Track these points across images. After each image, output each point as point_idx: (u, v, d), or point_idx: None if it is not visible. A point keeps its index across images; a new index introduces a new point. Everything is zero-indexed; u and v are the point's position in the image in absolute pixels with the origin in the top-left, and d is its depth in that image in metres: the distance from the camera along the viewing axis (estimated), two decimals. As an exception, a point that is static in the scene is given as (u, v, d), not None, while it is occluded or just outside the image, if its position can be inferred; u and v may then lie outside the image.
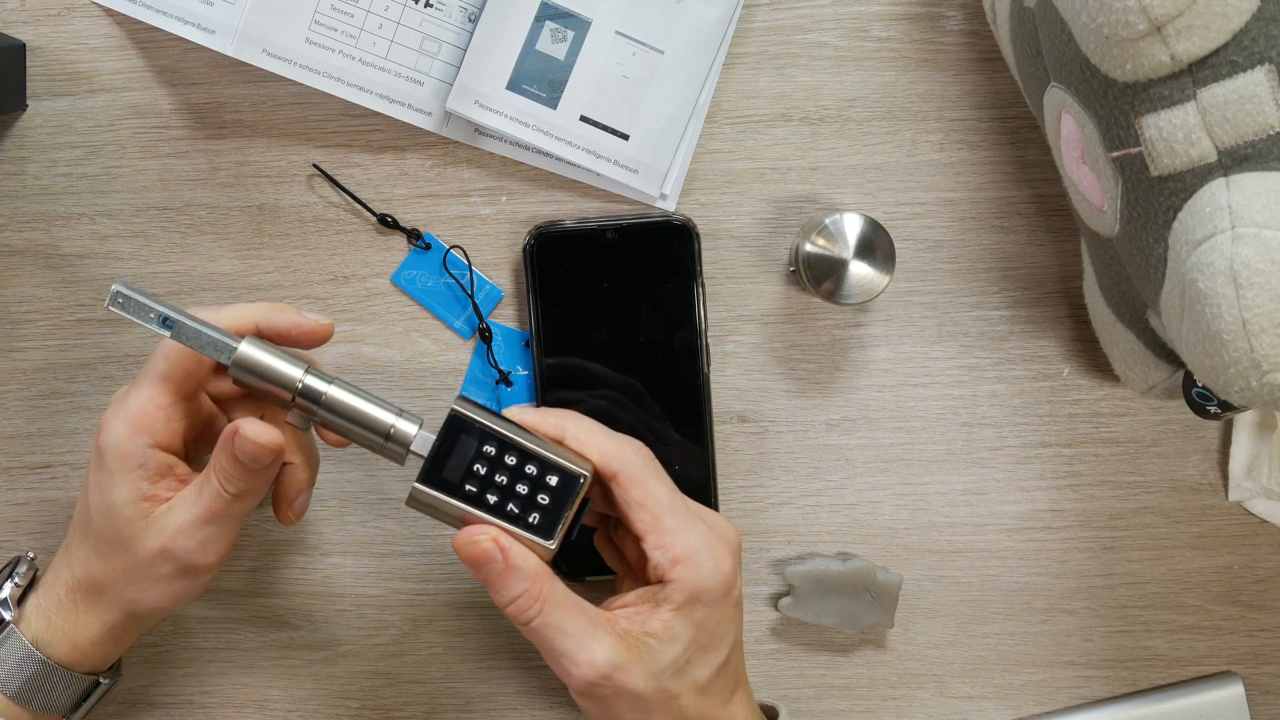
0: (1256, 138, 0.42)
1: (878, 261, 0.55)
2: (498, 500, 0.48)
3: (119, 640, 0.53)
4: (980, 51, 0.60)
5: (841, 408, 0.61)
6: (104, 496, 0.50)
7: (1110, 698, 0.62)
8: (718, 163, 0.60)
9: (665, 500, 0.49)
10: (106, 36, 0.59)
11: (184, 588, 0.51)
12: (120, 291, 0.48)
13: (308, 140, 0.60)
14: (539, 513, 0.48)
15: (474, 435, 0.48)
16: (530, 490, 0.48)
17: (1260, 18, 0.42)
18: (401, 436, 0.49)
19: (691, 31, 0.58)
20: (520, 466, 0.48)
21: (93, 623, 0.52)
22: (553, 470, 0.48)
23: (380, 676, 0.62)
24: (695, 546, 0.48)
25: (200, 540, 0.50)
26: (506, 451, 0.48)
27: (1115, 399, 0.61)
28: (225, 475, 0.49)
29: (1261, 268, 0.41)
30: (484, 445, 0.48)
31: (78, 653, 0.52)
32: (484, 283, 0.60)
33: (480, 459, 0.48)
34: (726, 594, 0.49)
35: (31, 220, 0.60)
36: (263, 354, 0.49)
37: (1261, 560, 0.62)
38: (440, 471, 0.48)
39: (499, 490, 0.48)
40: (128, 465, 0.49)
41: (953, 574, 0.62)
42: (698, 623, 0.48)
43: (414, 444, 0.49)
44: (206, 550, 0.50)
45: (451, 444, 0.48)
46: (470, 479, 0.48)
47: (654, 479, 0.49)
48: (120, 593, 0.51)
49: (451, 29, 0.58)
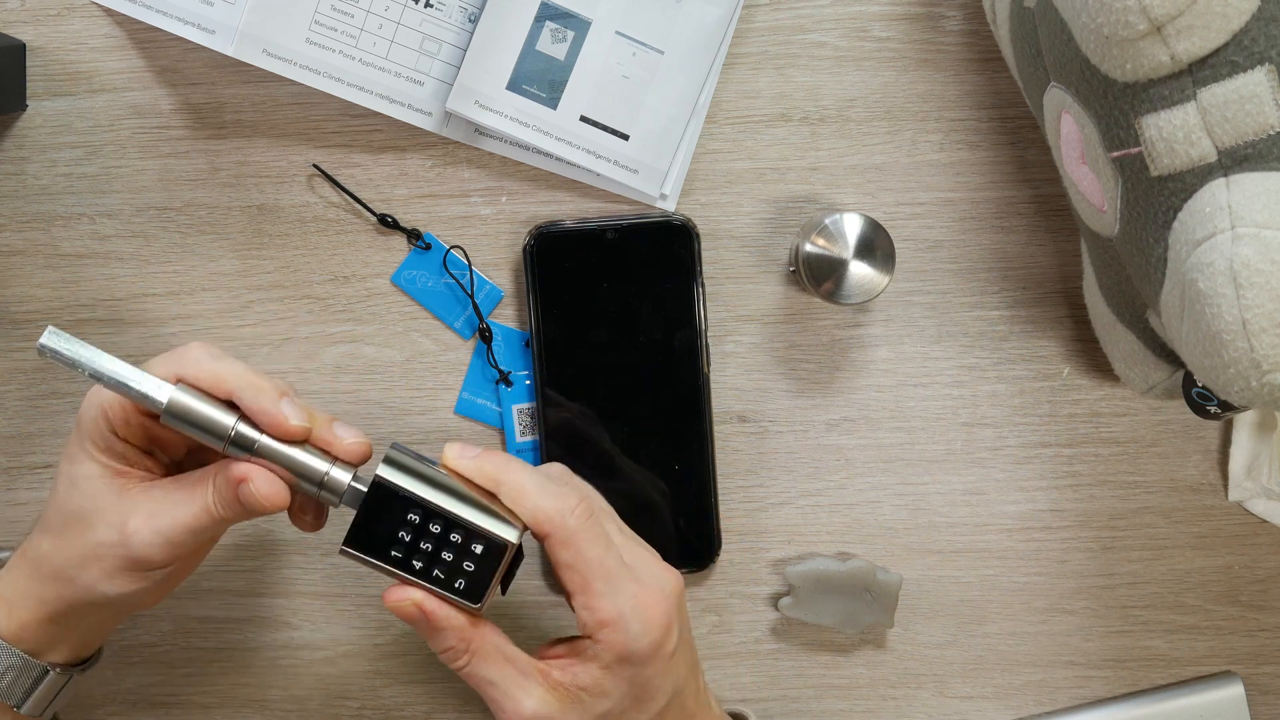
0: (1256, 138, 0.42)
1: (878, 261, 0.55)
2: (423, 566, 0.48)
3: (57, 624, 0.50)
4: (980, 51, 0.60)
5: (841, 408, 0.61)
6: (72, 469, 0.49)
7: (1110, 698, 0.62)
8: (718, 163, 0.60)
9: (595, 563, 0.48)
10: (106, 36, 0.59)
11: (129, 580, 0.49)
12: (45, 345, 0.46)
13: (308, 140, 0.60)
14: (464, 578, 0.48)
15: (399, 502, 0.48)
16: (455, 558, 0.48)
17: (1260, 18, 0.42)
18: (334, 486, 0.48)
19: (691, 31, 0.58)
20: (445, 535, 0.48)
21: (31, 597, 0.50)
22: (478, 539, 0.48)
23: (380, 676, 0.62)
24: (623, 610, 0.48)
25: (167, 539, 0.48)
26: (431, 519, 0.48)
27: (1115, 399, 0.61)
28: (224, 501, 0.48)
29: (1261, 268, 0.41)
30: (408, 513, 0.48)
31: (16, 624, 0.50)
32: (484, 283, 0.60)
33: (405, 526, 0.48)
34: (655, 653, 0.48)
35: (31, 220, 0.60)
36: (194, 403, 0.47)
37: (1261, 560, 0.62)
38: (366, 535, 0.48)
39: (424, 556, 0.48)
40: (98, 442, 0.48)
41: (953, 574, 0.62)
42: (628, 679, 0.49)
43: (344, 498, 0.48)
44: (166, 551, 0.48)
45: (376, 511, 0.48)
46: (395, 544, 0.48)
47: (587, 539, 0.48)
48: (62, 570, 0.49)
49: (451, 29, 0.58)
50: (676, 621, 0.49)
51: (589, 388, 0.59)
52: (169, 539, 0.48)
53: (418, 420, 0.61)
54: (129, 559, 0.48)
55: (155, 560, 0.48)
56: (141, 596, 0.50)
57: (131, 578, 0.49)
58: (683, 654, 0.50)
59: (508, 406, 0.60)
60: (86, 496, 0.49)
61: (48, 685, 0.52)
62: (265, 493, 0.47)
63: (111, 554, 0.48)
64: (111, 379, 0.46)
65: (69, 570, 0.49)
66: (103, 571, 0.49)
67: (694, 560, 0.60)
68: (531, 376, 0.60)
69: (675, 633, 0.49)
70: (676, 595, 0.50)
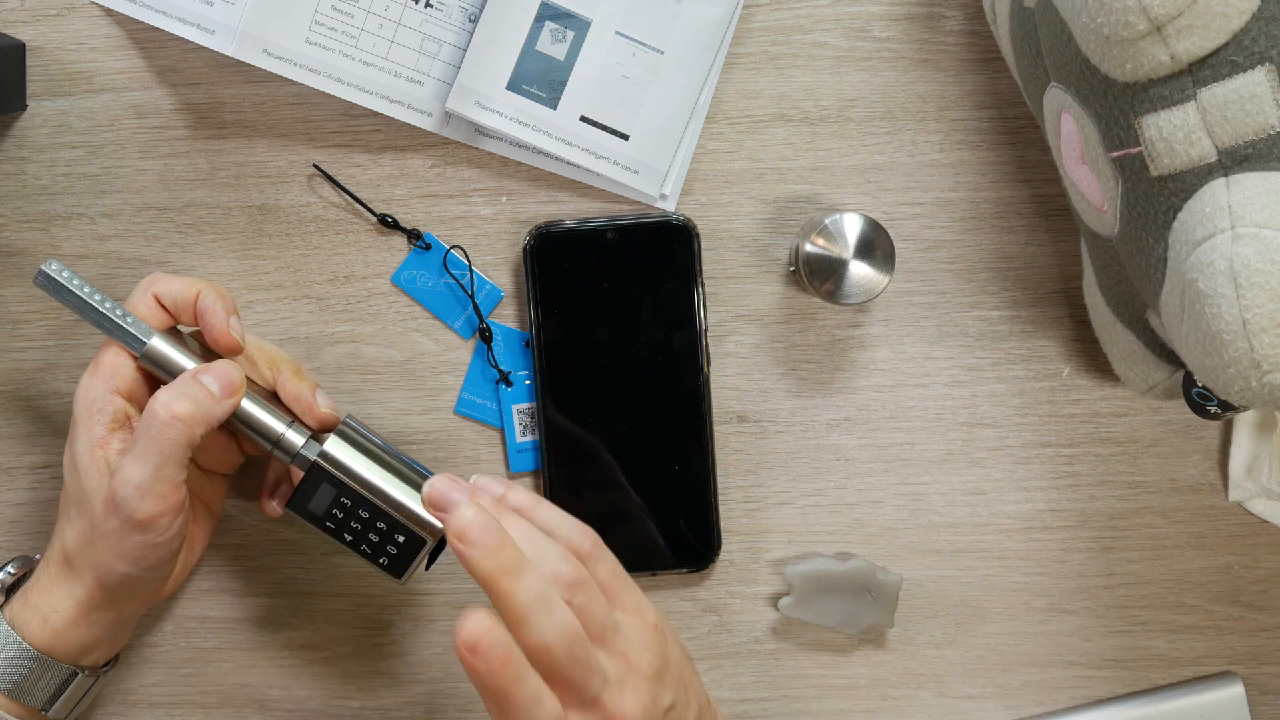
0: (1256, 138, 0.42)
1: (878, 261, 0.55)
2: (353, 539, 0.54)
3: (93, 620, 0.52)
4: (980, 51, 0.60)
5: (841, 408, 0.61)
6: (70, 450, 0.52)
7: (1110, 698, 0.62)
8: (718, 163, 0.60)
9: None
10: (106, 36, 0.59)
11: (135, 548, 0.50)
12: (45, 272, 0.52)
13: (308, 140, 0.60)
14: (387, 558, 0.54)
15: (333, 485, 0.53)
16: (380, 539, 0.54)
17: (1260, 18, 0.42)
18: (289, 446, 0.53)
19: (691, 31, 0.58)
20: (373, 520, 0.53)
21: (64, 598, 0.52)
22: (400, 529, 0.53)
23: (380, 676, 0.62)
24: None
25: (136, 485, 0.49)
26: (361, 505, 0.53)
27: (1115, 399, 0.61)
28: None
29: (1261, 268, 0.41)
30: (341, 496, 0.53)
31: (50, 632, 0.51)
32: (484, 283, 0.60)
33: (337, 505, 0.53)
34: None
35: (31, 220, 0.60)
36: (170, 350, 0.52)
37: (1261, 560, 0.62)
38: (306, 504, 0.54)
39: (354, 531, 0.54)
40: (89, 412, 0.51)
41: (953, 574, 0.62)
42: None
43: (295, 460, 0.53)
44: (151, 501, 0.49)
45: (316, 483, 0.53)
46: (330, 518, 0.54)
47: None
48: (85, 557, 0.51)
49: (451, 29, 0.58)
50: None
51: (589, 388, 0.59)
52: (146, 487, 0.49)
53: (418, 420, 0.61)
54: (123, 523, 0.50)
55: (144, 513, 0.49)
56: (156, 573, 0.52)
57: (137, 546, 0.50)
58: None
59: (508, 406, 0.60)
60: (83, 475, 0.51)
61: (74, 689, 0.53)
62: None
63: (108, 526, 0.50)
64: (104, 317, 0.52)
65: (88, 557, 0.51)
66: (112, 550, 0.50)
67: (694, 560, 0.60)
68: (531, 376, 0.60)
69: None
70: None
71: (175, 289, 0.53)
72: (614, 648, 0.47)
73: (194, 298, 0.53)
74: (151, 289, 0.53)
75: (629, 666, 0.47)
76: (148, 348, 0.52)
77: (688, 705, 0.50)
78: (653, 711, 0.48)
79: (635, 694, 0.47)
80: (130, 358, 0.52)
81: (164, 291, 0.53)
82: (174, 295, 0.53)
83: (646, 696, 0.47)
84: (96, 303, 0.52)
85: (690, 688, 0.51)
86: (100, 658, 0.54)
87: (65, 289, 0.52)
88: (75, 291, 0.52)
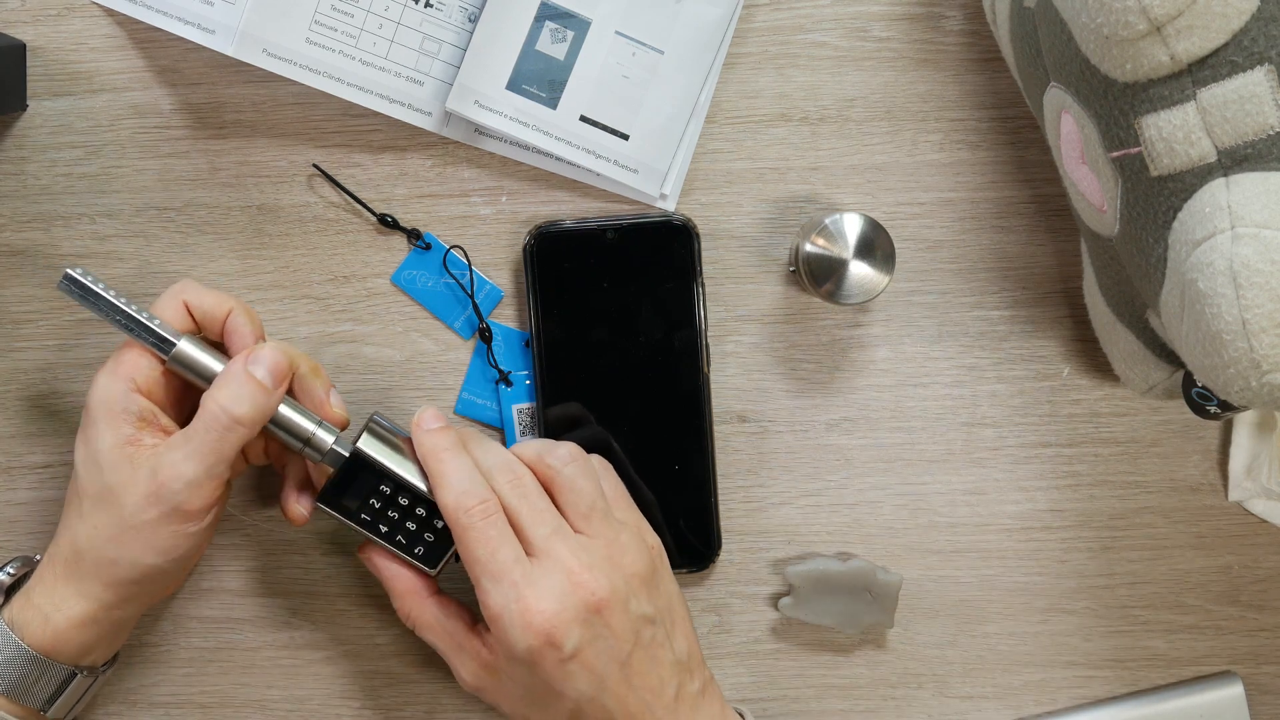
0: (1256, 138, 0.42)
1: (878, 261, 0.55)
2: (388, 530, 0.54)
3: (98, 619, 0.52)
4: (980, 51, 0.60)
5: (841, 408, 0.61)
6: (89, 448, 0.51)
7: (1110, 698, 0.62)
8: (718, 163, 0.60)
9: (480, 562, 0.50)
10: (106, 36, 0.59)
11: (170, 537, 0.51)
12: (71, 275, 0.52)
13: (308, 140, 0.60)
14: (423, 546, 0.54)
15: (373, 473, 0.53)
16: (418, 528, 0.54)
17: (1260, 18, 0.42)
18: (319, 445, 0.53)
19: (691, 31, 0.58)
20: (410, 508, 0.53)
21: (69, 596, 0.51)
22: (439, 516, 0.53)
23: (380, 676, 0.62)
24: (502, 612, 0.49)
25: (188, 481, 0.50)
26: (400, 493, 0.53)
27: (1115, 399, 0.61)
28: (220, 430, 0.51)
29: (1261, 268, 0.41)
30: (380, 484, 0.53)
31: (51, 633, 0.51)
32: (484, 283, 0.60)
33: (375, 495, 0.53)
34: (537, 659, 0.49)
35: (31, 220, 0.60)
36: (198, 353, 0.52)
37: (1261, 560, 0.62)
38: (340, 497, 0.54)
39: (390, 522, 0.54)
40: (112, 411, 0.51)
41: (953, 574, 0.62)
42: (521, 677, 0.51)
43: (326, 457, 0.53)
44: (195, 493, 0.50)
45: (351, 476, 0.53)
46: (365, 508, 0.54)
47: (474, 539, 0.50)
48: (100, 553, 0.51)
49: (451, 29, 0.58)
50: (572, 632, 0.49)
51: (589, 388, 0.59)
52: (197, 484, 0.50)
53: (418, 420, 0.61)
54: (168, 511, 0.50)
55: (193, 506, 0.50)
56: (181, 564, 0.53)
57: (172, 533, 0.51)
58: (596, 664, 0.50)
59: (508, 406, 0.60)
60: (109, 471, 0.51)
61: (73, 690, 0.53)
62: (270, 357, 0.52)
63: (144, 517, 0.50)
64: (134, 320, 0.51)
65: (110, 551, 0.51)
66: (143, 542, 0.51)
67: (694, 560, 0.60)
68: (531, 376, 0.60)
69: (566, 642, 0.49)
70: (580, 607, 0.49)
71: (208, 303, 0.53)
72: (597, 530, 0.52)
73: (225, 315, 0.53)
74: (183, 295, 0.53)
75: (609, 554, 0.51)
76: (176, 350, 0.52)
77: (671, 636, 0.52)
78: (624, 598, 0.50)
79: (608, 576, 0.50)
80: (155, 359, 0.52)
81: (195, 302, 0.53)
82: (205, 308, 0.53)
83: (621, 584, 0.51)
84: (124, 305, 0.52)
85: (679, 627, 0.54)
86: (99, 658, 0.54)
87: (93, 292, 0.52)
88: (103, 294, 0.52)
